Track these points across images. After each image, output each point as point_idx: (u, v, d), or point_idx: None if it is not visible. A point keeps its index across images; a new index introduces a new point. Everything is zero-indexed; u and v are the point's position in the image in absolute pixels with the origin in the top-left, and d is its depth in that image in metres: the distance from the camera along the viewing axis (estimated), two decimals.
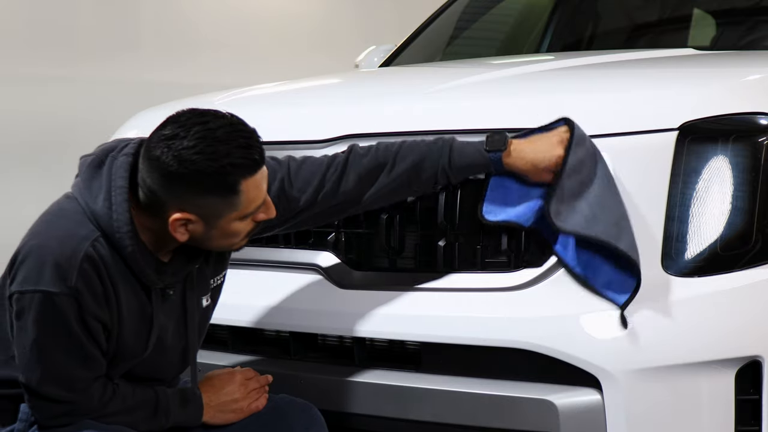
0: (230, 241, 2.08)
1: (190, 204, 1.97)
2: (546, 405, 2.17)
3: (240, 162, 1.97)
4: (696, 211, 2.22)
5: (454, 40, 4.31)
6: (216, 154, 1.94)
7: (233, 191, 1.98)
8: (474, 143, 2.27)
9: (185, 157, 1.94)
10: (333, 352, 2.48)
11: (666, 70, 2.88)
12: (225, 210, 2.00)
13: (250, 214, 2.05)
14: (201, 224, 2.00)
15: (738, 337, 2.18)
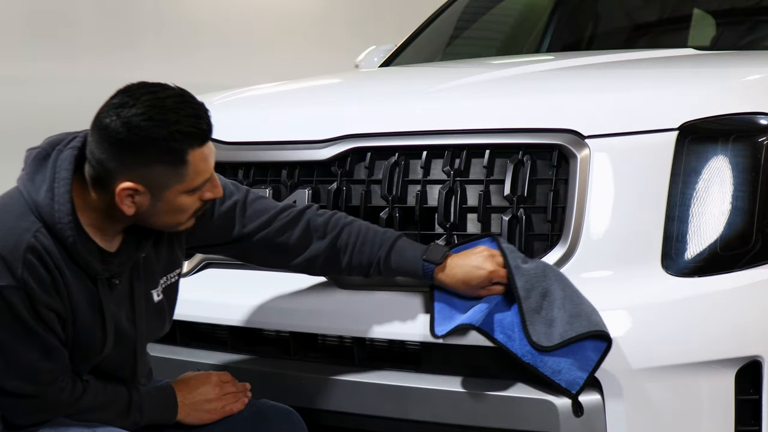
0: (177, 218, 2.06)
1: (138, 173, 1.97)
2: (546, 405, 2.17)
3: (188, 130, 1.97)
4: (696, 211, 2.22)
5: (454, 40, 4.31)
6: (165, 122, 1.95)
7: (181, 160, 1.98)
8: (416, 248, 2.28)
9: (134, 124, 1.94)
10: (333, 352, 2.48)
11: (666, 70, 2.88)
12: (172, 180, 1.99)
13: (197, 189, 2.04)
14: (148, 196, 1.99)
15: (738, 337, 2.18)
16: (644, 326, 2.17)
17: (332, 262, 2.31)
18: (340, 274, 2.36)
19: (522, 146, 2.33)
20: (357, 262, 2.30)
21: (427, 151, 2.42)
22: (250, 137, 2.68)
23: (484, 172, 2.35)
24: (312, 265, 2.34)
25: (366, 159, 2.48)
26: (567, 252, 2.24)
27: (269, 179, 2.60)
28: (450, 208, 2.36)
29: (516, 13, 4.45)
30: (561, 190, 2.29)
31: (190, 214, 2.08)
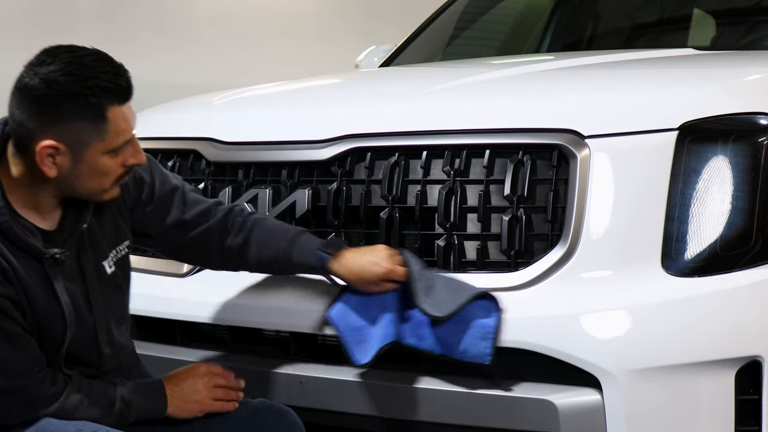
0: (100, 182, 2.06)
1: (58, 130, 1.97)
2: (546, 405, 2.17)
3: (107, 86, 1.99)
4: (696, 211, 2.22)
5: (454, 40, 4.31)
6: (83, 76, 1.97)
7: (100, 116, 1.99)
8: (316, 240, 2.33)
9: (52, 79, 1.96)
10: (333, 352, 2.48)
11: (666, 70, 2.89)
12: (92, 137, 2.00)
13: (118, 150, 2.04)
14: (69, 156, 2.00)
15: (738, 337, 2.18)
16: (644, 326, 2.17)
17: (245, 258, 2.36)
18: (251, 270, 2.42)
19: (522, 146, 2.33)
20: (264, 258, 2.34)
21: (427, 151, 2.42)
22: (250, 137, 2.68)
23: (484, 172, 2.35)
24: (229, 261, 2.39)
25: (366, 159, 2.48)
26: (567, 252, 2.24)
27: (269, 179, 2.60)
28: (450, 208, 2.36)
29: (516, 13, 4.45)
30: (561, 190, 2.29)
31: (113, 180, 2.08)
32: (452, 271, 2.34)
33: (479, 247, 2.33)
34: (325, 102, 2.87)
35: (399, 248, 2.31)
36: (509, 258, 2.30)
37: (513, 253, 2.29)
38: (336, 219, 2.48)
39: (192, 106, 3.13)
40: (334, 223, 2.48)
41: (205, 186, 2.70)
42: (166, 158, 2.81)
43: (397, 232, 2.41)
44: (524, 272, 2.27)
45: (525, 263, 2.28)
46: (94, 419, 2.07)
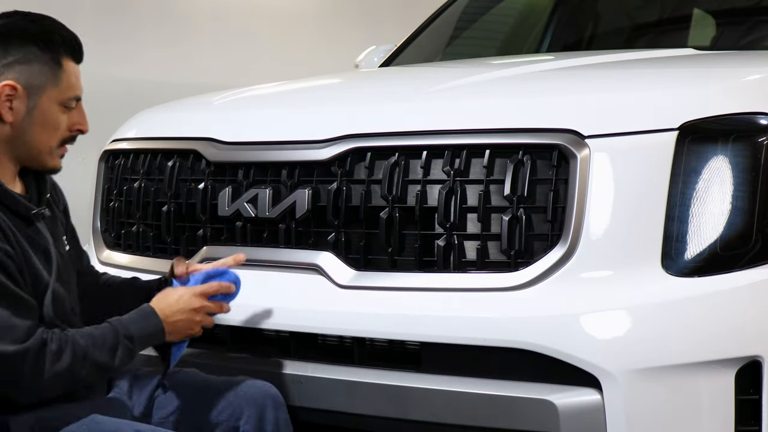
0: (49, 136, 2.19)
1: (17, 71, 2.14)
2: (546, 405, 2.17)
3: (68, 39, 2.21)
4: (696, 211, 2.22)
5: (454, 40, 4.31)
6: (47, 26, 2.20)
7: (57, 63, 2.18)
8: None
9: (15, 23, 2.18)
10: (333, 352, 2.48)
11: (666, 70, 2.88)
12: (48, 82, 2.17)
13: (68, 104, 2.20)
14: (25, 100, 2.15)
15: (738, 337, 2.18)
16: (644, 326, 2.17)
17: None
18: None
19: (522, 146, 2.33)
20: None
21: (427, 151, 2.42)
22: (250, 137, 2.68)
23: (484, 172, 2.35)
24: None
25: (366, 159, 2.48)
26: (567, 252, 2.24)
27: (269, 179, 2.60)
28: (450, 208, 2.36)
29: (516, 13, 4.45)
30: (561, 190, 2.29)
31: (59, 138, 2.22)
32: (452, 271, 2.34)
33: (479, 247, 2.33)
34: (325, 102, 2.87)
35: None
36: (509, 258, 2.30)
37: (513, 253, 2.29)
38: (336, 219, 2.48)
39: (192, 106, 3.13)
40: (334, 223, 2.48)
41: (205, 186, 2.70)
42: (166, 158, 2.81)
43: (397, 232, 2.41)
44: (524, 272, 2.27)
45: (525, 263, 2.28)
46: (105, 361, 2.11)
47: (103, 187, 3.01)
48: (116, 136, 3.03)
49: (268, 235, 2.59)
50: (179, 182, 2.77)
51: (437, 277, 2.36)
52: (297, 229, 2.54)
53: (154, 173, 2.84)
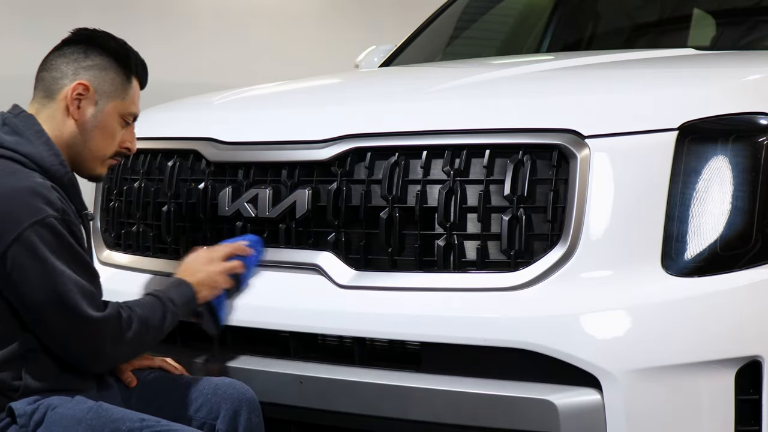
0: (104, 144, 2.35)
1: (92, 75, 2.32)
2: (546, 405, 2.17)
3: (140, 60, 2.42)
4: (696, 211, 2.22)
5: (454, 40, 4.31)
6: (124, 45, 2.40)
7: (128, 78, 2.38)
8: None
9: (101, 35, 2.39)
10: (333, 352, 2.48)
11: (666, 70, 2.88)
12: (116, 91, 2.35)
13: (127, 118, 2.38)
14: (93, 102, 2.32)
15: (738, 337, 2.18)
16: (644, 326, 2.17)
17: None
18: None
19: (522, 146, 2.33)
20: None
21: (427, 151, 2.42)
22: (250, 137, 2.68)
23: (484, 172, 2.35)
24: None
25: (366, 159, 2.48)
26: (567, 252, 2.24)
27: (269, 179, 2.60)
28: (450, 208, 2.36)
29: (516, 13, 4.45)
30: (561, 190, 2.29)
31: (112, 150, 2.37)
32: (452, 271, 2.34)
33: (479, 247, 2.33)
34: (325, 102, 2.87)
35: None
36: (509, 258, 2.30)
37: (513, 253, 2.29)
38: (336, 219, 2.48)
39: (192, 106, 3.13)
40: (334, 223, 2.48)
41: (205, 186, 2.70)
42: (166, 158, 2.81)
43: (397, 232, 2.41)
44: (524, 272, 2.27)
45: (525, 263, 2.28)
46: (160, 327, 2.30)
47: (103, 187, 3.01)
48: None
49: (268, 235, 2.59)
50: (179, 182, 2.77)
51: (437, 277, 2.36)
52: (297, 229, 2.54)
53: (154, 173, 2.84)
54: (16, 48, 5.53)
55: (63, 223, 2.17)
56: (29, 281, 2.12)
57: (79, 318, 2.13)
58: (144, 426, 2.15)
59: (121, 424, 2.13)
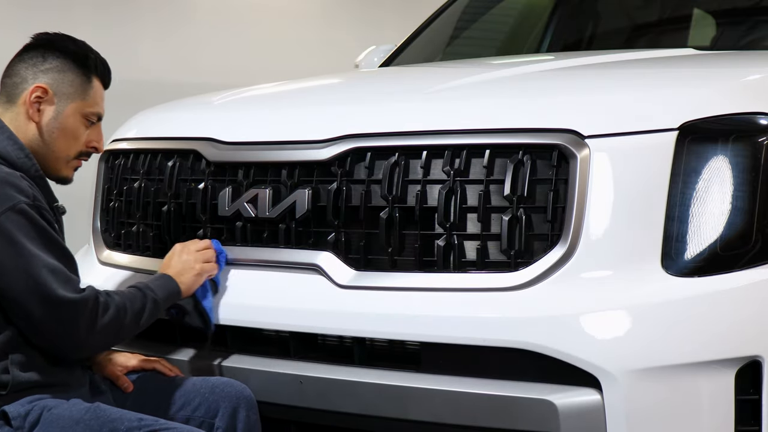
0: (68, 145, 2.38)
1: (51, 77, 2.36)
2: (546, 405, 2.17)
3: (100, 60, 2.44)
4: (696, 211, 2.22)
5: (454, 40, 4.31)
6: (83, 46, 2.43)
7: (88, 79, 2.41)
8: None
9: (59, 39, 2.42)
10: (333, 352, 2.48)
11: (666, 70, 2.88)
12: (76, 92, 2.39)
13: (90, 118, 2.41)
14: (53, 105, 2.36)
15: (738, 337, 2.18)
16: (644, 326, 2.17)
17: None
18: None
19: (522, 146, 2.33)
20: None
21: (427, 151, 2.42)
22: (250, 137, 2.68)
23: (484, 172, 2.35)
24: None
25: (366, 159, 2.48)
26: (567, 252, 2.24)
27: (269, 179, 2.60)
28: (450, 208, 2.36)
29: (516, 13, 4.45)
30: (561, 190, 2.29)
31: (76, 151, 2.41)
32: (452, 271, 2.34)
33: (479, 247, 2.33)
34: (325, 102, 2.87)
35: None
36: (509, 258, 2.30)
37: (513, 253, 2.29)
38: (336, 219, 2.48)
39: (192, 106, 3.13)
40: (334, 223, 2.48)
41: (205, 186, 2.70)
42: (166, 158, 2.81)
43: (397, 232, 2.41)
44: (524, 272, 2.27)
45: (525, 263, 2.28)
46: (139, 314, 2.31)
47: (103, 187, 3.00)
48: (116, 136, 3.03)
49: (268, 235, 2.59)
50: (179, 182, 2.77)
51: (437, 277, 2.36)
52: (297, 229, 2.54)
53: (154, 173, 2.84)
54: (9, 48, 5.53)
55: (35, 209, 2.21)
56: (3, 266, 2.14)
57: (54, 300, 2.15)
58: (142, 425, 2.15)
59: (119, 424, 2.13)
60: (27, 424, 2.12)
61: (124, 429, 2.13)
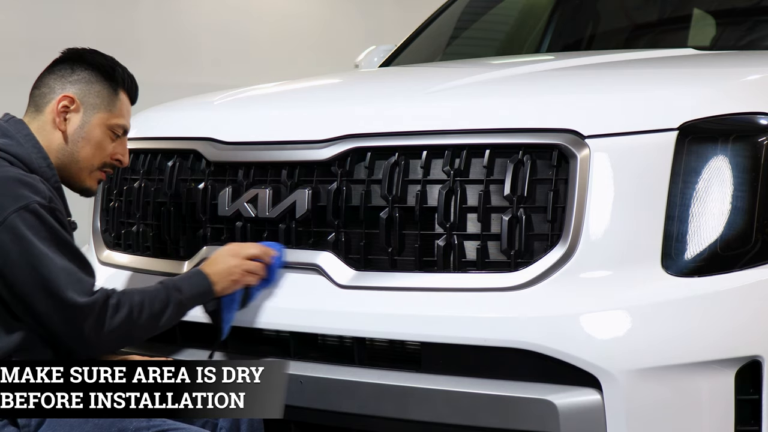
0: (92, 155, 2.41)
1: (78, 88, 2.41)
2: (546, 405, 2.17)
3: (128, 75, 2.49)
4: (696, 211, 2.22)
5: (454, 40, 4.31)
6: (111, 61, 2.48)
7: (114, 91, 2.45)
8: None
9: (88, 52, 2.48)
10: (333, 352, 2.48)
11: (666, 70, 2.88)
12: (102, 104, 2.42)
13: (115, 130, 2.44)
14: (79, 115, 2.40)
15: (738, 337, 2.18)
16: (644, 326, 2.17)
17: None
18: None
19: (522, 146, 2.33)
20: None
21: (427, 151, 2.42)
22: (250, 137, 2.68)
23: (484, 172, 2.35)
24: None
25: (366, 159, 2.48)
26: (567, 252, 2.24)
27: (269, 179, 2.60)
28: (450, 208, 2.36)
29: (516, 13, 4.45)
30: (561, 190, 2.29)
31: (100, 161, 2.43)
32: (452, 271, 2.34)
33: (479, 247, 2.33)
34: (325, 102, 2.87)
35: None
36: (509, 258, 2.30)
37: (513, 253, 2.29)
38: (336, 219, 2.48)
39: (192, 106, 3.13)
40: (334, 223, 2.48)
41: (205, 186, 2.70)
42: (166, 158, 2.81)
43: (397, 232, 2.41)
44: (524, 272, 2.27)
45: (525, 263, 2.28)
46: (158, 315, 2.30)
47: (104, 187, 3.01)
48: None
49: (268, 235, 2.59)
50: (179, 182, 2.77)
51: (437, 277, 2.36)
52: (297, 229, 2.54)
53: (154, 173, 2.84)
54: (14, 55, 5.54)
55: (48, 210, 2.21)
56: (14, 265, 2.15)
57: (61, 302, 2.16)
58: (151, 425, 2.15)
59: (128, 424, 2.14)
60: (33, 422, 2.12)
61: (133, 429, 2.13)
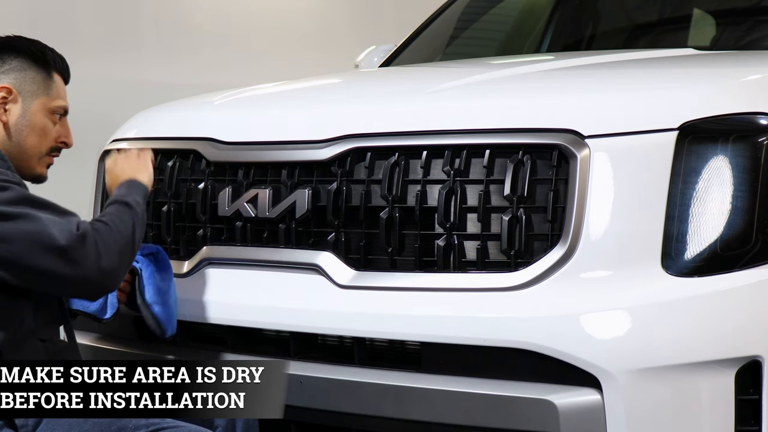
0: (39, 142, 2.42)
1: (13, 77, 2.40)
2: (546, 405, 2.17)
3: (57, 56, 2.49)
4: (696, 211, 2.22)
5: (454, 40, 4.31)
6: (39, 45, 2.47)
7: (49, 74, 2.45)
8: None
9: (14, 39, 2.46)
10: (333, 352, 2.48)
11: (666, 70, 2.88)
12: (39, 89, 2.43)
13: (56, 113, 2.44)
14: (19, 103, 2.40)
15: (738, 337, 2.18)
16: (644, 326, 2.17)
17: None
18: None
19: (522, 146, 2.33)
20: None
21: (427, 151, 2.42)
22: (250, 137, 2.68)
23: (484, 172, 2.35)
24: None
25: (366, 159, 2.48)
26: (567, 252, 2.24)
27: (269, 179, 2.61)
28: (450, 208, 2.36)
29: (516, 13, 4.45)
30: (561, 190, 2.29)
31: (47, 147, 2.44)
32: (452, 271, 2.34)
33: (479, 247, 2.33)
34: (325, 102, 2.87)
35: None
36: (509, 258, 2.30)
37: (513, 253, 2.29)
38: (336, 219, 2.48)
39: (192, 106, 3.13)
40: (334, 223, 2.48)
41: (205, 186, 2.70)
42: (166, 158, 2.81)
43: (397, 232, 2.41)
44: (524, 272, 2.27)
45: (525, 263, 2.28)
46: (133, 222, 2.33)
47: (103, 187, 3.00)
48: (116, 136, 3.03)
49: (268, 235, 2.59)
50: (179, 182, 2.77)
51: (437, 277, 2.36)
52: (297, 229, 2.54)
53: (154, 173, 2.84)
54: None
55: (19, 185, 2.26)
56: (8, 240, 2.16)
57: (59, 249, 2.17)
58: (150, 423, 2.15)
59: (127, 422, 2.14)
60: (31, 422, 2.12)
61: (132, 427, 2.14)
